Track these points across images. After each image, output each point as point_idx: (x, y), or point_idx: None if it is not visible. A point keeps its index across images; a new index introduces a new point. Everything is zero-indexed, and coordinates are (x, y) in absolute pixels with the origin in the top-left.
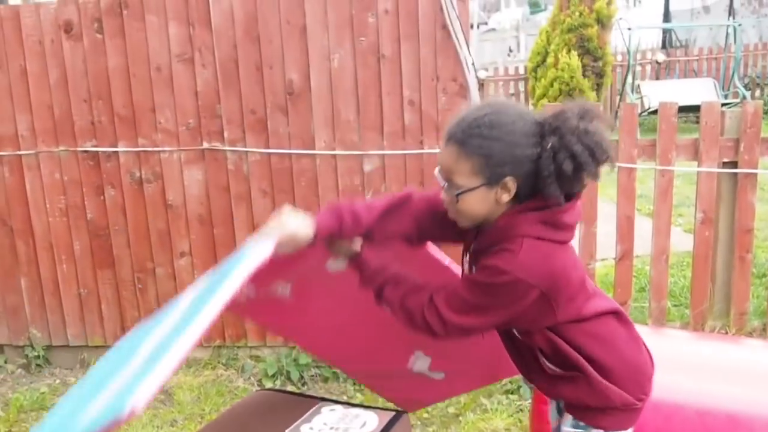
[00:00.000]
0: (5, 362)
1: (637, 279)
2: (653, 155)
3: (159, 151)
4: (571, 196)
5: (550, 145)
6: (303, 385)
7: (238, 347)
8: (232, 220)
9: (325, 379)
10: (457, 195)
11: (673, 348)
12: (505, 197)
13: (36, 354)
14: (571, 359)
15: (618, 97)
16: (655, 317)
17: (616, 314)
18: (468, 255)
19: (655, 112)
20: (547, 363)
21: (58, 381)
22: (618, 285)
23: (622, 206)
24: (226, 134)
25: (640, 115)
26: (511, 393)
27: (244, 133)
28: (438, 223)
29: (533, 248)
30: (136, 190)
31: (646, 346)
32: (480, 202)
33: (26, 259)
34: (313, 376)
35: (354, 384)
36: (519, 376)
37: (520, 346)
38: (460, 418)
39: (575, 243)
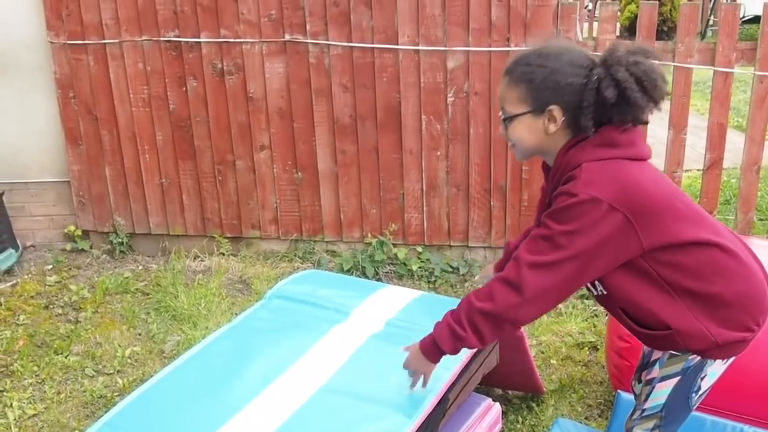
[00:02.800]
0: (91, 247)
1: (722, 191)
2: (752, 61)
3: (241, 43)
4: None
5: (596, 76)
6: (378, 281)
7: (315, 241)
8: (312, 115)
9: (400, 276)
10: (504, 120)
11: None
12: (552, 127)
13: (120, 240)
14: (657, 317)
15: (711, 4)
16: (740, 229)
17: (717, 246)
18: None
19: (751, 20)
20: (635, 326)
21: (140, 267)
22: (704, 194)
23: (715, 113)
24: (308, 27)
25: None
26: (586, 298)
27: (327, 26)
28: None
29: (595, 168)
30: (218, 82)
31: (764, 273)
32: (528, 130)
33: (110, 148)
34: (387, 272)
35: (429, 282)
36: None
37: (606, 304)
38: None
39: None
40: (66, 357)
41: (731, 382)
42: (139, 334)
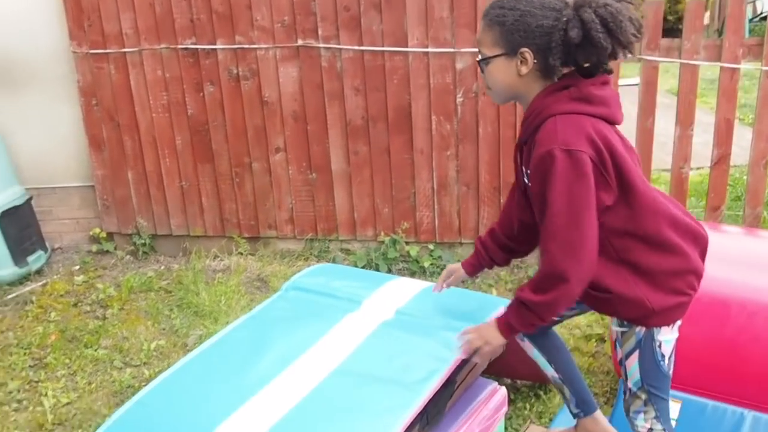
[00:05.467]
0: (115, 249)
1: (733, 188)
2: (759, 57)
3: (255, 49)
4: (596, 72)
5: (565, 17)
6: None
7: (330, 240)
8: (325, 117)
9: (412, 273)
10: (480, 62)
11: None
12: (524, 69)
13: (142, 242)
14: (600, 280)
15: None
16: (749, 224)
17: (670, 219)
18: (522, 162)
19: (765, 18)
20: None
21: (162, 267)
22: (711, 190)
23: (722, 108)
24: (320, 31)
25: (750, 20)
26: None
27: (338, 31)
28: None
29: (567, 121)
30: (234, 87)
31: (702, 241)
32: (502, 73)
33: (132, 153)
34: (400, 269)
35: None
36: None
37: None
38: None
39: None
40: (95, 350)
41: (731, 367)
42: (163, 329)
